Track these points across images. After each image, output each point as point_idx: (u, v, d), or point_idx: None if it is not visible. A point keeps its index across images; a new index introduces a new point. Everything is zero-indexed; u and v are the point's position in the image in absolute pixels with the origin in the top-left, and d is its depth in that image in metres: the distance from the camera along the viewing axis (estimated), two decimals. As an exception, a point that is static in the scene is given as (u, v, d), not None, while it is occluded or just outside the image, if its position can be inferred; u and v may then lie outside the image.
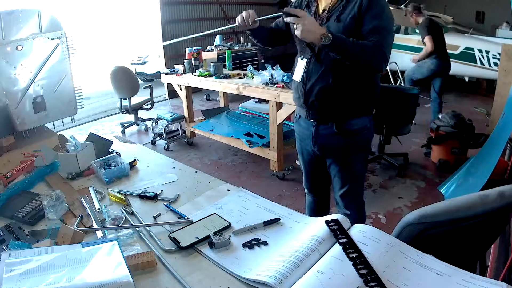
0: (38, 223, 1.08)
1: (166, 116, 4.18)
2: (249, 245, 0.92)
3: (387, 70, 6.06)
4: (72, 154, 1.40)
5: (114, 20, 12.07)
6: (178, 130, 4.31)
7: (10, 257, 0.77)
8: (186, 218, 1.07)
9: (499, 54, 4.61)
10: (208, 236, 0.95)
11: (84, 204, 1.16)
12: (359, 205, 1.75)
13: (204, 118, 4.27)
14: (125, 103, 4.75)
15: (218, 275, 0.84)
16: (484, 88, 6.47)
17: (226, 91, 3.89)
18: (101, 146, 1.54)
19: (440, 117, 3.52)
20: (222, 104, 4.67)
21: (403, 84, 5.19)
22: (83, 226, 1.04)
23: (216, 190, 1.24)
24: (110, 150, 1.56)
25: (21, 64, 1.69)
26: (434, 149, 3.54)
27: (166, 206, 1.16)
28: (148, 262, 0.85)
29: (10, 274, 0.71)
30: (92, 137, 1.59)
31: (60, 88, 1.89)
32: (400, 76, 5.91)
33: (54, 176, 1.38)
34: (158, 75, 4.93)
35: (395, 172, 3.35)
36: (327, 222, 0.92)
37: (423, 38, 4.25)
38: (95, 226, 1.03)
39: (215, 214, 1.06)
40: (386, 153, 3.47)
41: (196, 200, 1.18)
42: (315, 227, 0.93)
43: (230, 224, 1.01)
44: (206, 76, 3.81)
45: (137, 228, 1.02)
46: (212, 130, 3.90)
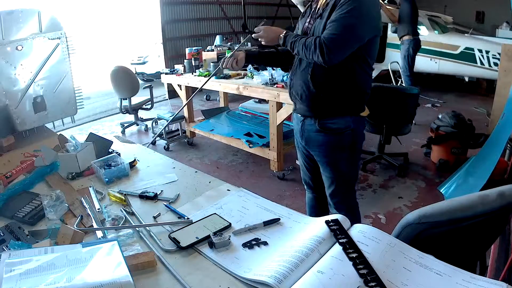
0: (38, 223, 1.08)
1: (166, 116, 4.18)
2: (249, 245, 0.92)
3: (389, 70, 6.06)
4: (72, 154, 1.40)
5: (114, 20, 12.08)
6: (178, 130, 4.31)
7: (10, 257, 0.77)
8: (186, 218, 1.07)
9: (499, 54, 4.61)
10: (208, 236, 0.95)
11: (84, 204, 1.16)
12: (350, 207, 1.74)
13: (204, 118, 4.27)
14: (125, 103, 4.75)
15: (218, 275, 0.84)
16: (484, 88, 6.47)
17: (226, 91, 3.89)
18: (101, 146, 1.54)
19: (440, 117, 3.52)
20: (222, 104, 4.67)
21: (403, 84, 5.19)
22: (83, 226, 1.04)
23: (216, 190, 1.24)
24: (110, 150, 1.56)
25: (21, 64, 1.69)
26: (434, 149, 3.54)
27: (166, 206, 1.16)
28: (148, 262, 0.85)
29: (10, 274, 0.71)
30: (92, 137, 1.59)
31: (60, 88, 1.89)
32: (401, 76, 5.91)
33: (54, 176, 1.38)
34: (158, 75, 4.93)
35: (395, 172, 3.35)
36: (327, 222, 0.92)
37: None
38: (95, 226, 1.03)
39: (215, 214, 1.06)
40: (386, 153, 3.47)
41: (196, 200, 1.18)
42: (315, 227, 0.93)
43: (230, 224, 1.01)
44: (206, 76, 3.81)
45: (137, 228, 1.02)
46: (212, 130, 3.90)
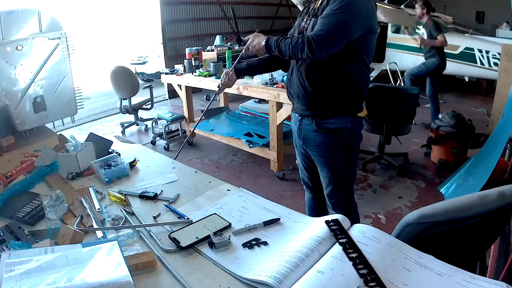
0: (38, 223, 1.08)
1: (166, 116, 4.18)
2: (249, 245, 0.92)
3: (387, 70, 6.06)
4: (72, 154, 1.40)
5: (114, 20, 12.08)
6: (178, 130, 4.31)
7: (10, 257, 0.77)
8: (186, 218, 1.07)
9: (499, 54, 4.61)
10: (208, 236, 0.95)
11: (84, 204, 1.16)
12: (348, 208, 1.73)
13: (204, 118, 4.27)
14: (125, 103, 4.74)
15: (218, 275, 0.84)
16: (484, 88, 6.47)
17: (226, 91, 3.88)
18: (101, 146, 1.54)
19: (440, 117, 3.52)
20: (222, 104, 4.67)
21: (402, 84, 5.19)
22: (83, 226, 1.04)
23: (216, 190, 1.24)
24: (110, 150, 1.56)
25: (21, 64, 1.69)
26: (434, 149, 3.54)
27: (166, 206, 1.16)
28: (148, 262, 0.85)
29: (10, 274, 0.71)
30: (92, 137, 1.59)
31: (60, 88, 1.89)
32: (400, 76, 5.91)
33: (54, 176, 1.38)
34: (158, 75, 4.93)
35: (395, 172, 3.35)
36: (327, 222, 0.92)
37: (432, 35, 4.31)
38: (95, 226, 1.03)
39: (215, 214, 1.06)
40: (386, 153, 3.47)
41: (196, 200, 1.18)
42: (315, 227, 0.93)
43: (230, 224, 1.01)
44: (206, 76, 3.82)
45: (137, 228, 1.02)
46: (212, 130, 3.90)
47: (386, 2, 5.88)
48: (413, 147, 3.96)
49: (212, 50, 6.23)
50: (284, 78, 3.16)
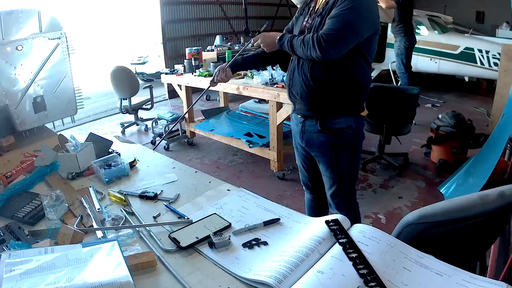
0: (38, 223, 1.08)
1: (166, 116, 4.18)
2: (249, 245, 0.92)
3: (389, 70, 6.06)
4: (72, 154, 1.40)
5: (114, 20, 12.08)
6: (178, 130, 4.31)
7: (10, 257, 0.77)
8: (186, 218, 1.07)
9: (499, 54, 4.61)
10: (208, 236, 0.95)
11: (84, 204, 1.16)
12: (350, 207, 1.73)
13: (204, 118, 4.28)
14: (125, 103, 4.74)
15: (218, 275, 0.84)
16: (484, 88, 6.47)
17: (226, 91, 3.89)
18: (101, 146, 1.54)
19: (440, 117, 3.52)
20: (222, 104, 4.67)
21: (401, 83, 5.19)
22: (83, 226, 1.04)
23: (216, 190, 1.24)
24: (110, 150, 1.56)
25: (21, 64, 1.69)
26: (434, 149, 3.54)
27: (166, 206, 1.16)
28: (148, 262, 0.85)
29: (10, 274, 0.71)
30: (92, 137, 1.59)
31: (60, 88, 1.89)
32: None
33: (54, 176, 1.38)
34: (158, 75, 4.93)
35: (395, 172, 3.35)
36: (327, 222, 0.92)
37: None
38: (95, 226, 1.03)
39: (215, 214, 1.06)
40: (386, 153, 3.47)
41: (196, 200, 1.18)
42: (315, 227, 0.93)
43: (230, 224, 1.01)
44: (206, 76, 3.81)
45: (137, 228, 1.02)
46: (212, 130, 3.90)
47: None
48: (413, 147, 3.96)
49: (212, 50, 6.23)
50: (284, 78, 3.16)
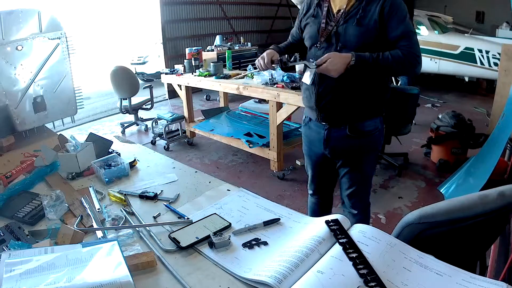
0: (38, 223, 1.08)
1: (166, 116, 4.18)
2: (249, 245, 0.92)
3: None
4: (72, 154, 1.40)
5: (114, 20, 12.08)
6: (178, 130, 4.31)
7: (10, 257, 0.77)
8: (186, 218, 1.07)
9: (499, 54, 4.61)
10: (208, 236, 0.95)
11: (84, 204, 1.16)
12: (365, 205, 1.74)
13: (204, 118, 4.28)
14: (125, 103, 4.75)
15: (218, 275, 0.84)
16: (484, 88, 6.47)
17: (226, 91, 3.89)
18: (101, 146, 1.54)
19: (440, 117, 3.52)
20: (222, 104, 4.67)
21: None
22: (83, 226, 1.04)
23: (216, 190, 1.24)
24: (110, 150, 1.56)
25: (21, 64, 1.69)
26: (434, 149, 3.54)
27: (166, 206, 1.16)
28: (148, 262, 0.85)
29: (10, 274, 0.71)
30: (92, 137, 1.59)
31: (60, 88, 1.89)
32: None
33: (54, 176, 1.38)
34: (158, 75, 4.93)
35: (395, 172, 3.35)
36: (327, 222, 0.92)
37: None
38: (95, 226, 1.03)
39: (215, 214, 1.06)
40: (386, 153, 3.47)
41: (196, 200, 1.18)
42: (315, 227, 0.93)
43: (230, 224, 1.01)
44: (206, 76, 3.82)
45: (137, 228, 1.02)
46: (212, 130, 3.90)
47: None
48: (413, 147, 3.96)
49: (212, 50, 6.24)
50: (284, 78, 3.15)
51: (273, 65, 1.52)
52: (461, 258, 0.86)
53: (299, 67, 1.54)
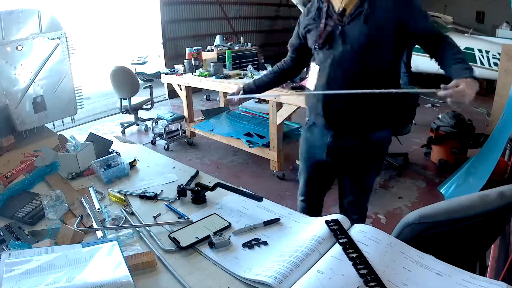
0: (38, 223, 1.09)
1: (166, 116, 4.18)
2: (249, 245, 0.92)
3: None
4: (72, 154, 1.40)
5: (114, 20, 12.08)
6: (178, 130, 4.31)
7: (10, 257, 0.77)
8: (186, 218, 1.07)
9: (499, 54, 4.60)
10: (208, 236, 0.95)
11: (84, 204, 1.16)
12: (363, 210, 1.70)
13: (204, 118, 4.27)
14: (125, 103, 4.74)
15: (218, 275, 0.84)
16: (484, 88, 6.46)
17: (226, 91, 3.88)
18: (101, 146, 1.54)
19: (440, 117, 3.52)
20: (222, 104, 4.67)
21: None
22: (83, 226, 1.04)
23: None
24: (110, 150, 1.56)
25: (21, 64, 1.69)
26: (434, 149, 3.54)
27: (166, 206, 1.16)
28: (148, 262, 0.85)
29: (10, 274, 0.71)
30: (92, 137, 1.59)
31: (60, 88, 1.89)
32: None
33: (54, 176, 1.38)
34: (158, 75, 4.93)
35: (395, 172, 3.35)
36: (327, 222, 0.92)
37: None
38: (95, 226, 1.03)
39: (215, 214, 1.06)
40: (386, 153, 3.46)
41: (196, 200, 1.18)
42: (315, 227, 0.93)
43: (230, 224, 1.01)
44: (206, 76, 3.81)
45: (137, 228, 1.02)
46: (212, 130, 3.90)
47: None
48: (413, 147, 3.96)
49: (212, 50, 6.24)
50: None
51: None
52: (461, 258, 0.86)
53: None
